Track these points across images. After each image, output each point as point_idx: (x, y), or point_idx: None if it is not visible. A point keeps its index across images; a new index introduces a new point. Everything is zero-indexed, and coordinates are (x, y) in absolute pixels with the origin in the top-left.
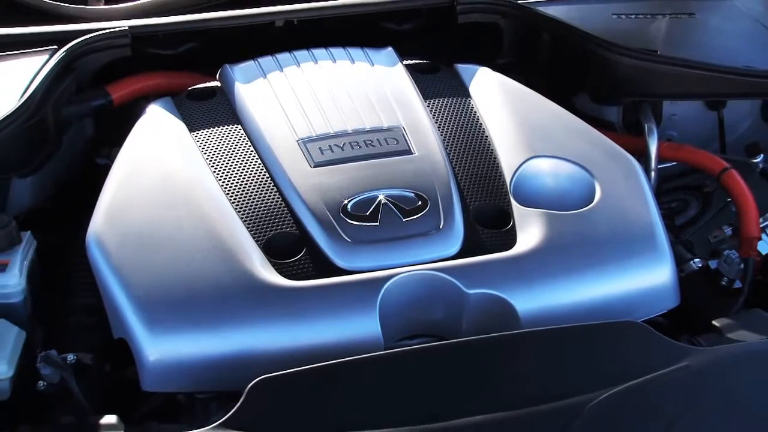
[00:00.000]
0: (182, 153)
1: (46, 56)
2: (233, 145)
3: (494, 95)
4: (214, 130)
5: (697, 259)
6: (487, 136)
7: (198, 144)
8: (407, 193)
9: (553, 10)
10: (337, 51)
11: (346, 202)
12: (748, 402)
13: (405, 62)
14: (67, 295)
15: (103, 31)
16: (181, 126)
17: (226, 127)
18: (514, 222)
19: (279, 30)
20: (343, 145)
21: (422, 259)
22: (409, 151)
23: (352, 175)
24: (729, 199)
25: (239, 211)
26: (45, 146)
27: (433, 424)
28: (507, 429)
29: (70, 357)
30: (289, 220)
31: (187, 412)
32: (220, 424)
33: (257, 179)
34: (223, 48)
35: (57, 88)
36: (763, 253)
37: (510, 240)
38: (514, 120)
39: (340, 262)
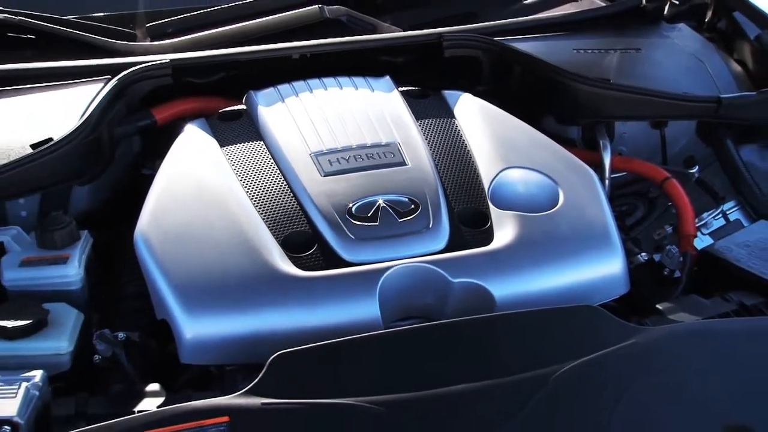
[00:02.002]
0: (214, 165)
1: (101, 84)
2: (256, 158)
3: (475, 116)
4: (241, 145)
5: (643, 253)
6: (468, 151)
7: (227, 157)
8: (402, 198)
9: (523, 46)
10: (343, 79)
11: (350, 205)
12: (685, 371)
13: (400, 89)
14: (118, 283)
15: (149, 64)
16: (213, 142)
17: (250, 143)
18: (491, 222)
19: (295, 62)
20: (349, 157)
21: (415, 253)
22: (403, 163)
23: (355, 182)
24: (670, 203)
25: (261, 213)
26: (100, 159)
27: (423, 392)
28: (484, 396)
29: (121, 335)
30: (303, 220)
31: (218, 381)
32: (245, 391)
33: (276, 186)
34: (248, 77)
35: (110, 110)
36: (699, 248)
37: (488, 237)
38: (491, 137)
39: (346, 255)
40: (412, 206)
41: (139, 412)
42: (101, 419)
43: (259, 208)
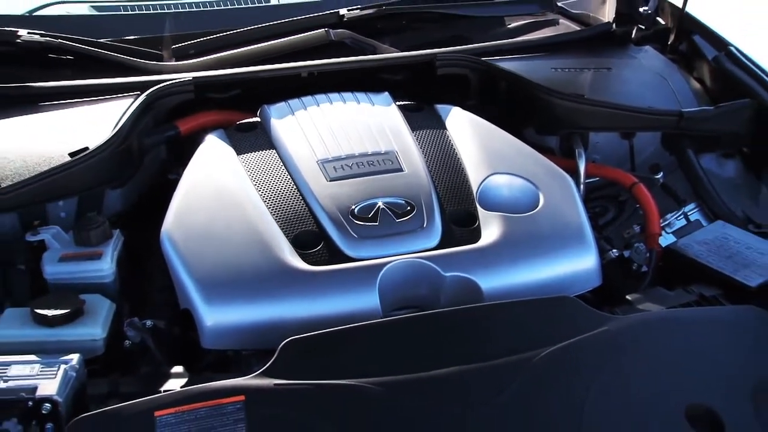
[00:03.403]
0: (231, 171)
1: (132, 99)
2: (269, 165)
3: (464, 128)
4: (255, 153)
5: (614, 250)
6: (458, 158)
7: (243, 164)
8: (399, 201)
9: (507, 65)
10: (346, 95)
11: (353, 207)
12: (652, 354)
13: (397, 103)
14: (146, 276)
15: (174, 81)
16: (230, 151)
17: (264, 151)
18: (479, 222)
19: (304, 79)
20: (351, 164)
21: (410, 250)
22: (400, 169)
23: (358, 187)
24: (638, 206)
25: (273, 214)
26: (130, 166)
27: (419, 374)
28: (473, 378)
29: (148, 323)
30: (311, 220)
31: (235, 364)
32: (259, 373)
33: (287, 190)
34: (262, 92)
35: (140, 123)
36: (663, 246)
37: (476, 235)
38: (478, 146)
39: (349, 252)
40: (409, 208)
41: (165, 391)
42: (132, 397)
43: (272, 210)
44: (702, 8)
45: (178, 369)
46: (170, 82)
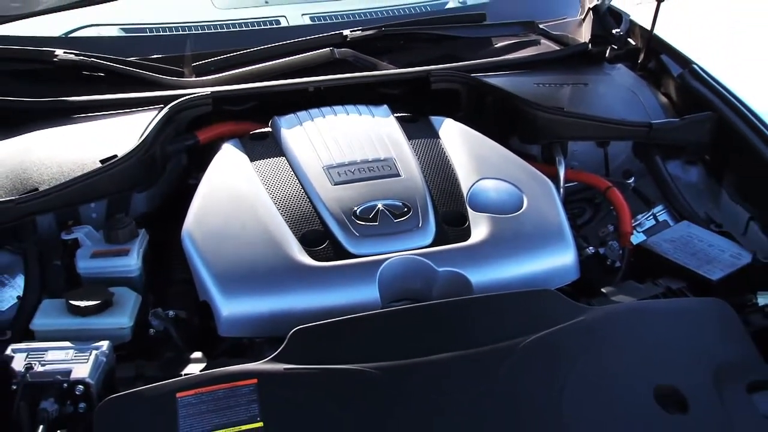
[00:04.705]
0: (245, 176)
1: (156, 112)
2: (279, 170)
3: (455, 137)
4: (267, 160)
5: (591, 248)
6: (450, 164)
7: (256, 170)
8: (397, 203)
9: (495, 81)
10: (349, 107)
11: (355, 208)
12: (624, 341)
13: (395, 115)
14: (168, 272)
15: (194, 95)
16: (245, 158)
17: (274, 158)
18: (469, 222)
19: (311, 93)
20: (354, 170)
21: (407, 247)
22: (398, 175)
23: (359, 190)
24: (611, 207)
25: (283, 215)
26: (154, 172)
27: (415, 359)
28: (464, 363)
29: (171, 313)
30: (317, 221)
31: (249, 351)
32: (270, 359)
33: (295, 193)
34: (273, 105)
35: (163, 133)
36: (635, 243)
37: (467, 234)
38: (468, 153)
39: (351, 249)
40: (405, 209)
41: (185, 375)
42: (156, 380)
43: (282, 211)
44: (690, 6)
45: (197, 355)
46: (190, 96)
